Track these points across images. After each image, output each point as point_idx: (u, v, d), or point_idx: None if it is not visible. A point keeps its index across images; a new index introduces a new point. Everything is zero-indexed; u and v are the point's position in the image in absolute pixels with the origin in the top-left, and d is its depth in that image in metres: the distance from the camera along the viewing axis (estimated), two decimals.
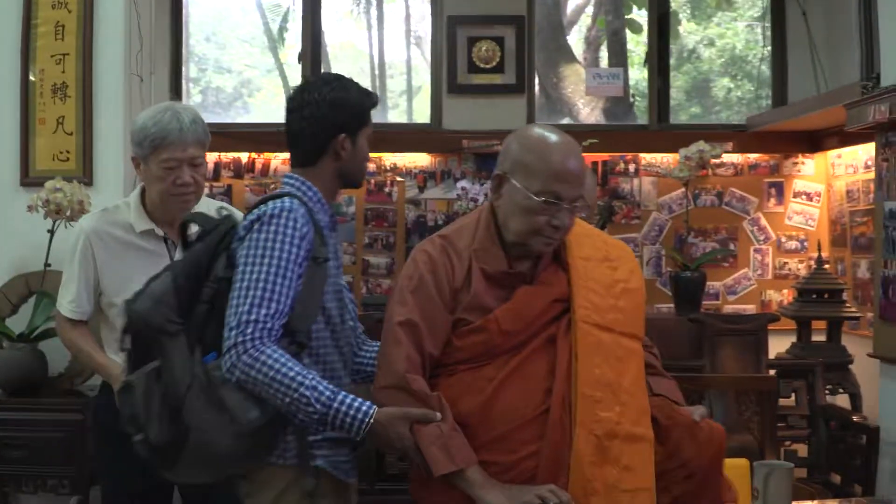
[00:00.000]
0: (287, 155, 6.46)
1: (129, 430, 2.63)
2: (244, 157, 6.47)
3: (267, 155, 6.53)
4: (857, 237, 6.07)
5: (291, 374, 2.50)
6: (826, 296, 5.41)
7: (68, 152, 4.16)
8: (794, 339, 5.58)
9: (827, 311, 5.40)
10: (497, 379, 2.62)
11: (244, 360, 2.50)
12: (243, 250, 2.62)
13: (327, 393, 2.52)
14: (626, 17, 8.55)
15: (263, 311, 2.53)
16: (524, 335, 2.66)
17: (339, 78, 2.88)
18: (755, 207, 6.67)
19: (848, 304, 5.53)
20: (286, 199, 2.68)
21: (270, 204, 2.67)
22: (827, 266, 5.70)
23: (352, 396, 2.56)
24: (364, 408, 2.54)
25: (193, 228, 3.27)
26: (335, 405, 2.51)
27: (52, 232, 3.92)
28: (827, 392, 5.08)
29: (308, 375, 2.52)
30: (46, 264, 3.96)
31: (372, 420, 2.53)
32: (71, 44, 4.15)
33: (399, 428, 2.54)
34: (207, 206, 3.49)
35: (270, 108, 10.23)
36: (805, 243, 6.60)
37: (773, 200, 6.69)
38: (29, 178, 4.13)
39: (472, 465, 2.55)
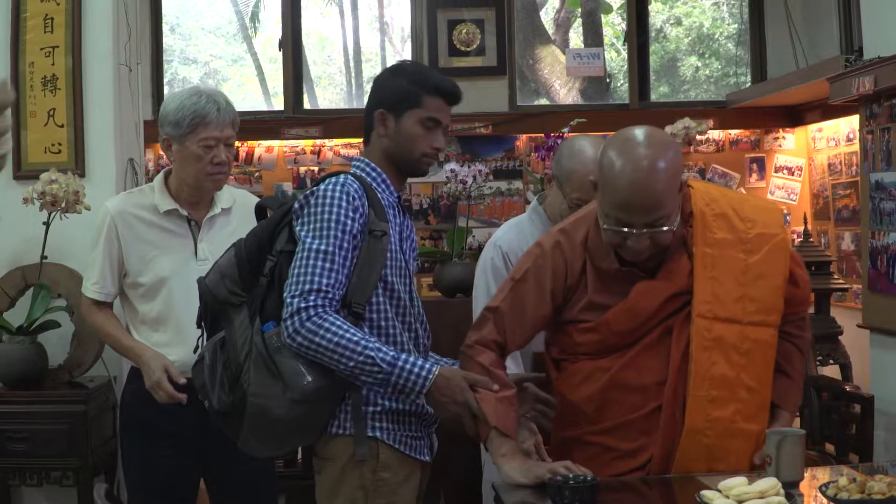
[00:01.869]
0: (270, 143, 6.58)
1: (200, 399, 2.75)
2: None
3: (250, 143, 6.56)
4: (840, 210, 6.15)
5: (355, 338, 2.56)
6: (813, 268, 5.47)
7: (60, 144, 4.15)
8: None
9: (815, 283, 5.41)
10: (612, 370, 2.69)
11: (307, 327, 2.56)
12: (302, 224, 2.69)
13: (391, 353, 2.59)
14: None
15: (325, 281, 2.60)
16: (639, 333, 2.68)
17: (404, 63, 2.99)
18: (737, 183, 6.73)
19: (835, 276, 5.60)
20: (341, 175, 2.76)
21: (326, 180, 2.74)
22: (811, 239, 5.78)
23: (414, 356, 2.66)
24: (427, 365, 2.62)
25: (217, 209, 3.44)
26: (399, 363, 2.58)
27: (47, 224, 3.92)
28: (817, 363, 5.14)
29: (371, 339, 2.60)
30: (43, 256, 3.97)
31: (434, 376, 2.60)
32: (60, 36, 4.14)
33: (460, 382, 2.64)
34: (232, 195, 3.56)
35: (239, 98, 10.26)
36: (787, 217, 6.67)
37: (755, 175, 6.78)
38: (22, 171, 4.12)
39: (507, 430, 2.64)
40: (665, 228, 2.55)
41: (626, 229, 2.54)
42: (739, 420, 2.64)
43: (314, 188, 2.74)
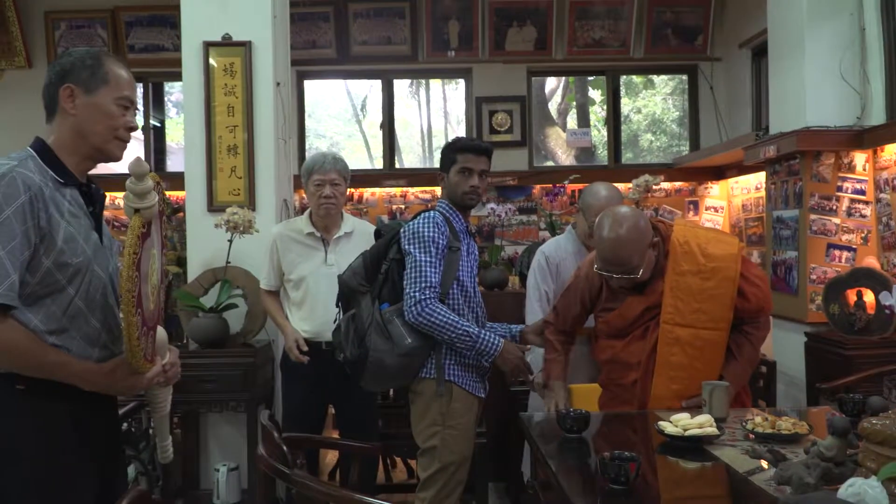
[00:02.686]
0: (373, 189, 6.52)
1: (336, 354, 2.79)
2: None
3: (360, 190, 6.57)
4: (751, 235, 6.03)
5: (454, 319, 2.64)
6: None
7: (238, 189, 4.16)
8: None
9: None
10: (615, 349, 2.71)
11: (425, 311, 2.61)
12: (408, 243, 2.71)
13: (475, 330, 2.66)
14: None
15: (433, 280, 2.64)
16: (629, 328, 2.69)
17: (451, 139, 2.91)
18: (680, 218, 6.61)
19: None
20: (430, 211, 2.79)
21: (422, 214, 2.78)
22: None
23: (490, 333, 2.71)
24: (497, 339, 2.70)
25: (341, 233, 3.45)
26: (481, 336, 2.67)
27: (230, 241, 3.93)
28: None
29: (463, 320, 2.67)
30: (227, 262, 3.98)
31: (502, 344, 2.70)
32: (239, 119, 4.16)
33: (516, 348, 2.74)
34: (353, 223, 3.55)
35: (352, 160, 10.36)
36: None
37: (691, 212, 6.67)
38: (213, 207, 4.14)
39: (555, 380, 2.77)
40: (636, 275, 2.56)
41: (609, 274, 2.58)
42: (692, 388, 2.59)
43: (413, 219, 2.77)
